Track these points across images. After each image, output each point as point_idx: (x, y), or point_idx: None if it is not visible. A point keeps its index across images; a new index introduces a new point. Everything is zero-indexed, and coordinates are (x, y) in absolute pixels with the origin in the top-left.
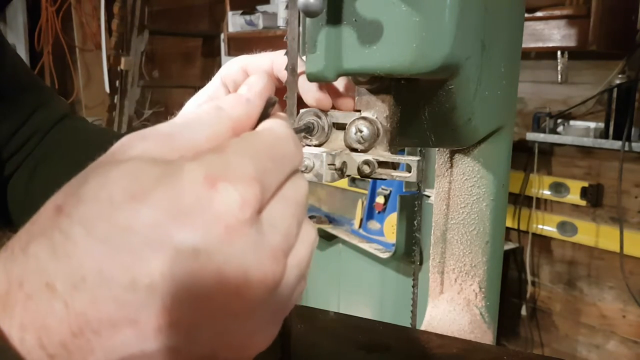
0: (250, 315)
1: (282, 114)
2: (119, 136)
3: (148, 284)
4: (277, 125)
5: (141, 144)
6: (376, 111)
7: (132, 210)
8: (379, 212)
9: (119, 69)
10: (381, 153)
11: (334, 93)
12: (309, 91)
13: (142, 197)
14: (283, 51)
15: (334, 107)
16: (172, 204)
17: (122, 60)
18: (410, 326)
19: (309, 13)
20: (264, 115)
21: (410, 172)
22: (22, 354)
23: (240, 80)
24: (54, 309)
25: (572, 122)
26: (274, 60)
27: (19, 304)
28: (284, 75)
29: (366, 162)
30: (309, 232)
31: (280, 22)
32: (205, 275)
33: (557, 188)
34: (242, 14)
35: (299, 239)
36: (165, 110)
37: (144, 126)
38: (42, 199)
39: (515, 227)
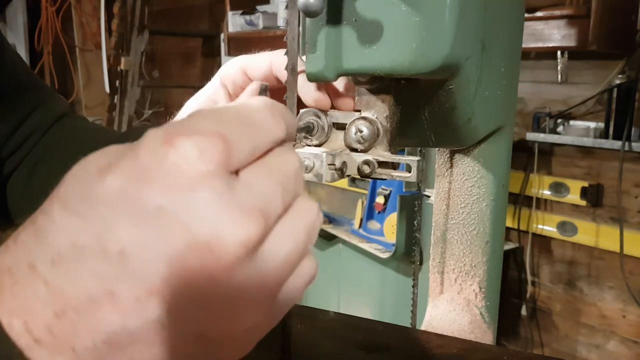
0: (229, 277)
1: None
2: (118, 135)
3: (119, 252)
4: (254, 99)
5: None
6: (376, 111)
7: (99, 181)
8: (379, 212)
9: (119, 69)
10: (381, 153)
11: (334, 93)
12: (308, 91)
13: (109, 167)
14: (282, 51)
15: (333, 107)
16: (133, 168)
17: (122, 60)
18: (410, 326)
19: (309, 13)
20: None
21: (410, 172)
22: (13, 340)
23: (239, 80)
24: (36, 289)
25: (572, 122)
26: (273, 60)
27: (7, 289)
28: (283, 75)
29: (366, 162)
30: (306, 207)
31: (280, 22)
32: (173, 234)
33: (557, 188)
34: (242, 14)
35: (292, 211)
36: (165, 110)
37: (144, 126)
38: (41, 198)
39: (515, 227)
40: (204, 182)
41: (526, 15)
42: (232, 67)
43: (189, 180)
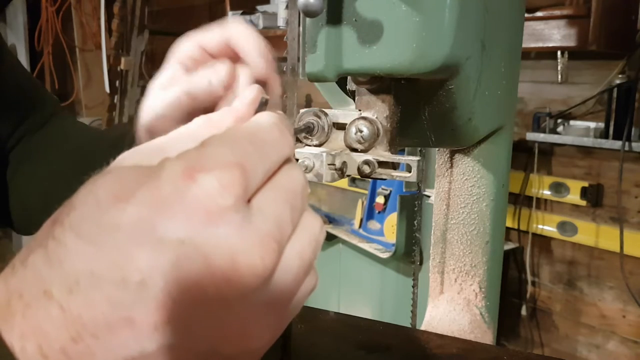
0: (243, 303)
1: (279, 112)
2: (96, 135)
3: (138, 280)
4: (260, 116)
5: (132, 157)
6: (376, 111)
7: (116, 210)
8: (379, 212)
9: (119, 69)
10: (381, 153)
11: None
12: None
13: (125, 196)
14: (236, 21)
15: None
16: (153, 199)
17: (122, 60)
18: (410, 326)
19: (309, 13)
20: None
21: (410, 172)
22: None
23: (197, 55)
24: (51, 315)
25: (572, 122)
26: (230, 31)
27: (19, 313)
28: (242, 45)
29: (366, 162)
30: (311, 222)
31: (280, 22)
32: (192, 265)
33: (557, 188)
34: (242, 14)
35: (299, 229)
36: None
37: (120, 125)
38: (17, 197)
39: (515, 227)
40: (223, 217)
41: (526, 15)
42: (186, 44)
43: (210, 214)
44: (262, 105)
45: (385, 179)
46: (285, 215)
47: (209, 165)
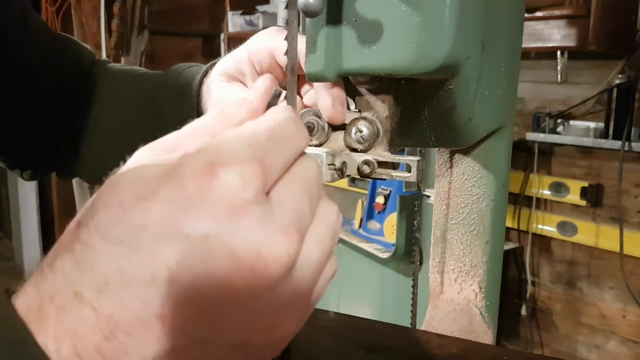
0: (270, 293)
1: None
2: (152, 78)
3: (167, 277)
4: (276, 110)
5: (149, 154)
6: (376, 111)
7: (141, 210)
8: (379, 212)
9: None
10: (381, 153)
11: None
12: (326, 106)
13: (148, 196)
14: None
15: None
16: (177, 197)
17: (122, 60)
18: (410, 326)
19: (309, 13)
20: (270, 107)
21: (410, 172)
22: None
23: (265, 63)
24: (84, 316)
25: (572, 122)
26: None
27: (52, 316)
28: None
29: (366, 162)
30: (329, 210)
31: (280, 22)
32: (219, 259)
33: (557, 188)
34: (242, 14)
35: (317, 217)
36: None
37: (177, 70)
38: (98, 145)
39: (515, 227)
40: (246, 210)
41: (526, 15)
42: (260, 47)
43: (233, 209)
44: (276, 97)
45: (385, 179)
46: (304, 205)
47: (229, 160)
